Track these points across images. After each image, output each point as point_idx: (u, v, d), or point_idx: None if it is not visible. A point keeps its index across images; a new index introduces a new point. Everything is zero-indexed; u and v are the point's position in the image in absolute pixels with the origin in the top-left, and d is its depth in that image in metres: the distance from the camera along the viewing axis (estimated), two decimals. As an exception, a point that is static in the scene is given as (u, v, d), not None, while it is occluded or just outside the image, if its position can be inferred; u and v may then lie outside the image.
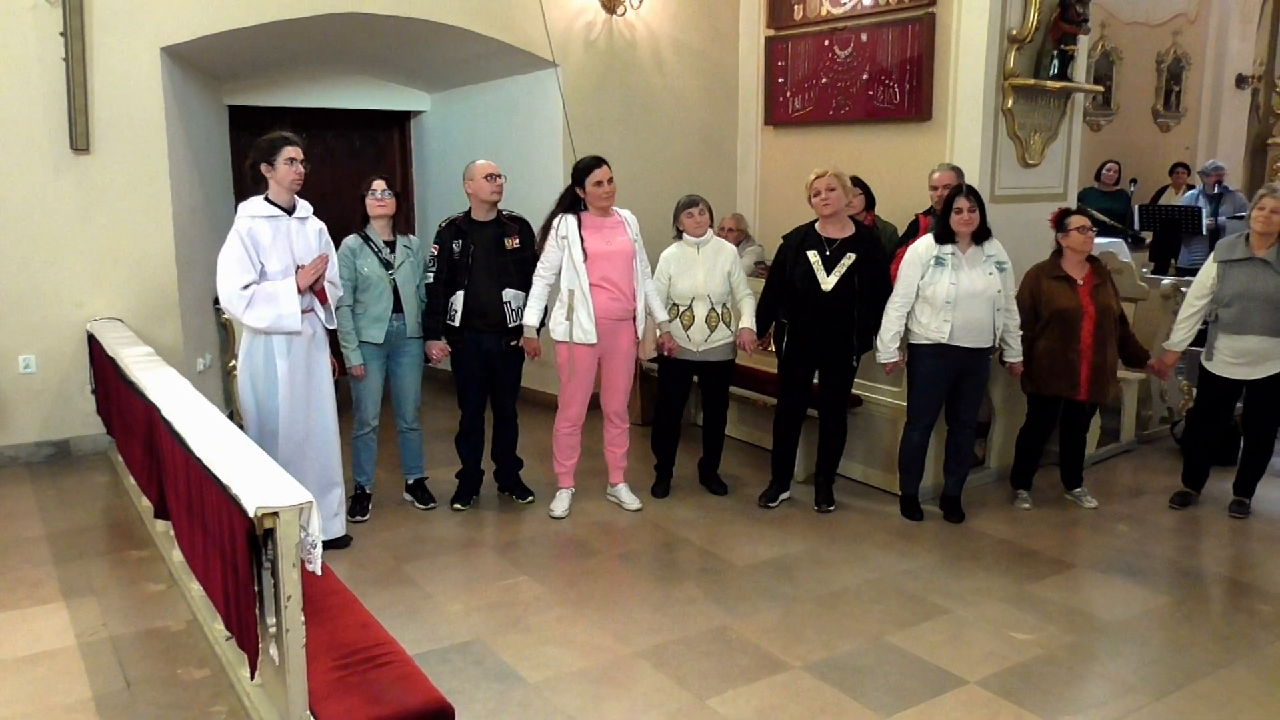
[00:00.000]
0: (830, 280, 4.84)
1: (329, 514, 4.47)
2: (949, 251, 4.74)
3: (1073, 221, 4.94)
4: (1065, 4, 5.83)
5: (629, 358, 5.03)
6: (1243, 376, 4.90)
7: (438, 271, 4.90)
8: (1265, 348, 4.80)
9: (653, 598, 4.12)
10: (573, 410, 5.02)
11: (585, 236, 4.82)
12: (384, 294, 4.77)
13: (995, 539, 4.79)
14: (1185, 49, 11.39)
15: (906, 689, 3.38)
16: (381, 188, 4.79)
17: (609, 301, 4.86)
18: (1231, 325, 4.84)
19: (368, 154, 8.24)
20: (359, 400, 4.90)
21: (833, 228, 4.91)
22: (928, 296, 4.75)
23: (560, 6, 6.78)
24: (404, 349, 4.92)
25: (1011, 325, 4.88)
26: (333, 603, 3.18)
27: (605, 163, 4.87)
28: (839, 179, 4.84)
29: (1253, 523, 4.97)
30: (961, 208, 4.69)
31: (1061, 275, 4.96)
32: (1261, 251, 4.79)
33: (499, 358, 5.00)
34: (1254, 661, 3.59)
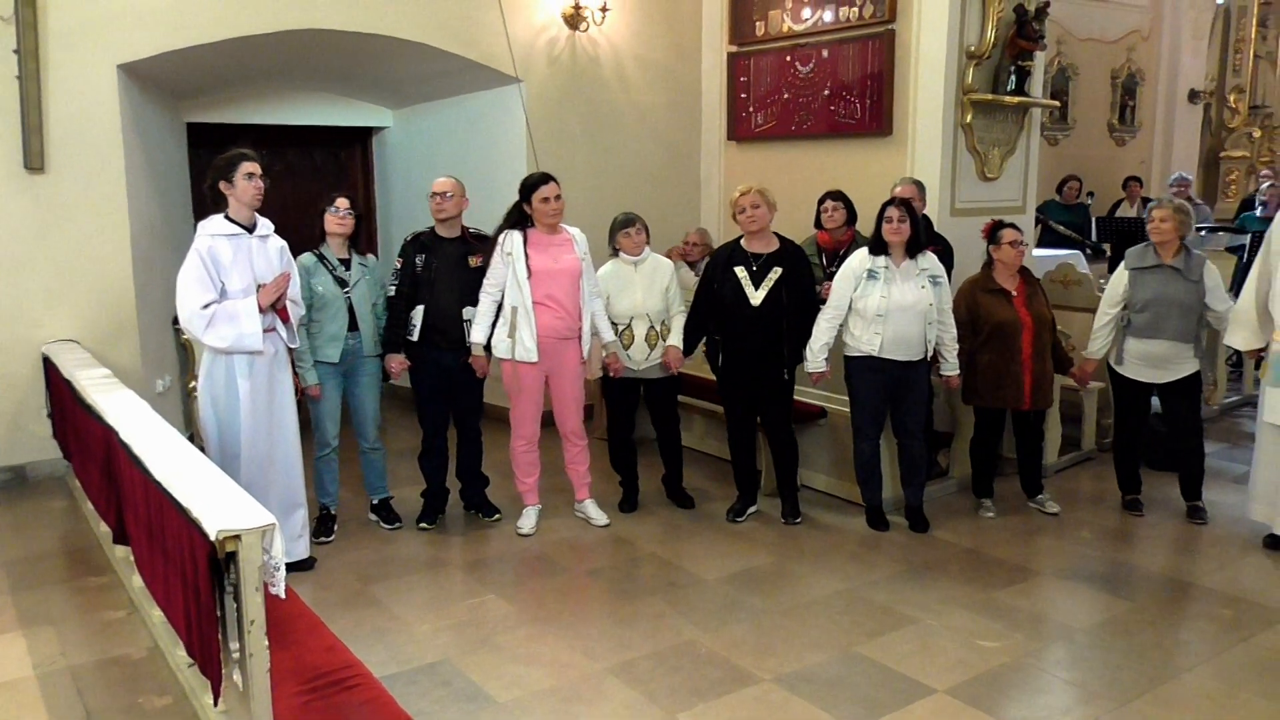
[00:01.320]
0: (758, 295, 4.87)
1: (292, 536, 4.41)
2: (882, 265, 4.79)
3: (1005, 235, 5.01)
4: (1022, 21, 5.94)
5: (577, 375, 4.99)
6: (1151, 380, 5.03)
7: (399, 285, 4.87)
8: (1174, 352, 4.93)
9: (621, 613, 4.11)
10: (526, 429, 5.00)
11: (531, 254, 4.78)
12: (339, 313, 4.72)
13: (960, 548, 4.83)
14: (1139, 65, 11.62)
15: (876, 699, 3.39)
16: (345, 205, 4.76)
17: (553, 320, 4.82)
18: (1144, 330, 4.96)
19: (329, 171, 8.19)
20: (317, 421, 4.85)
21: (758, 243, 4.95)
22: (859, 309, 4.80)
23: (523, 22, 6.79)
24: (361, 368, 4.87)
25: (946, 338, 4.92)
26: (298, 626, 3.14)
27: (553, 179, 4.84)
28: (762, 195, 4.89)
29: (1212, 528, 5.05)
30: (891, 217, 4.74)
31: (995, 288, 5.02)
32: (1169, 259, 4.92)
33: (458, 375, 4.96)
34: (1216, 665, 3.64)
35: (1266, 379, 4.67)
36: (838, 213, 5.66)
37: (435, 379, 4.98)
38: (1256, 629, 3.91)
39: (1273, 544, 4.72)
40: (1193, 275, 4.91)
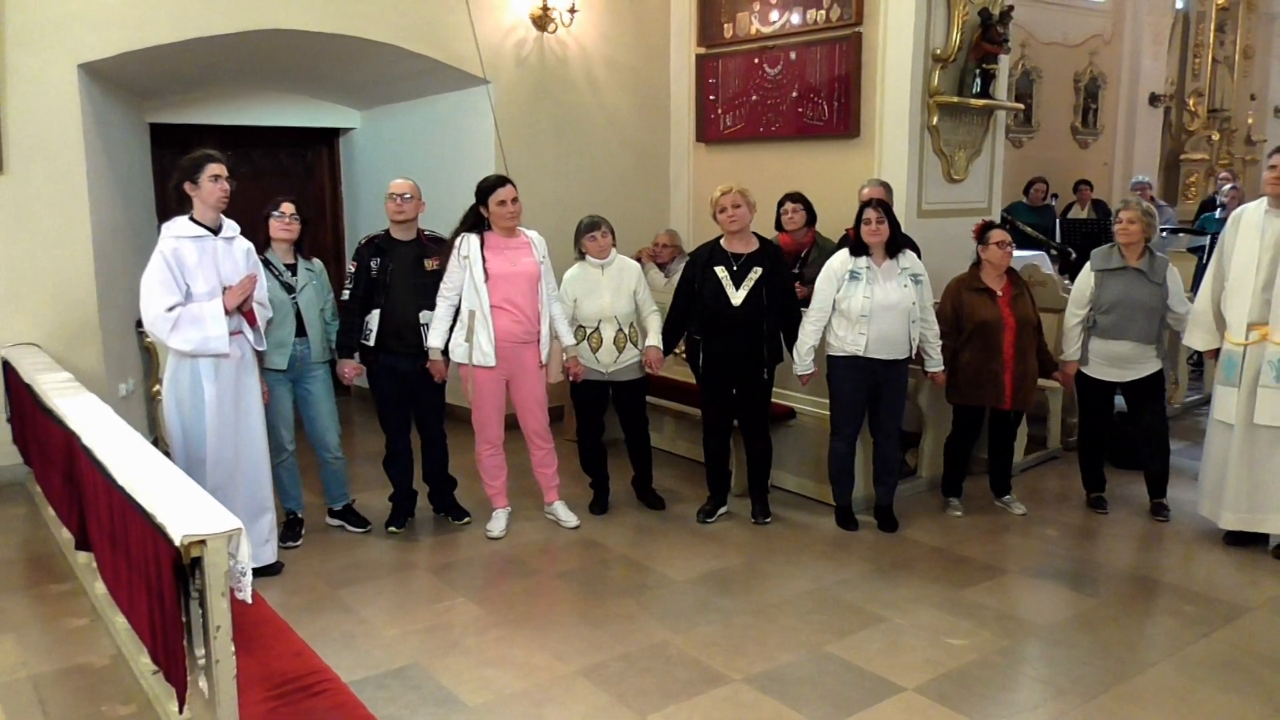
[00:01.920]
0: (739, 295, 4.89)
1: (259, 540, 4.36)
2: (864, 265, 4.82)
3: (993, 235, 5.07)
4: (986, 24, 6.00)
5: (537, 379, 4.95)
6: (1114, 379, 5.11)
7: (354, 289, 4.83)
8: (1137, 353, 5.02)
9: (592, 615, 4.10)
10: (489, 432, 4.97)
11: (488, 257, 4.75)
12: (287, 318, 4.65)
13: (928, 547, 4.86)
14: (1101, 69, 11.78)
15: (845, 698, 3.41)
16: (290, 211, 4.68)
17: (511, 324, 4.79)
18: (1108, 331, 5.04)
19: (295, 172, 8.12)
20: (270, 427, 4.77)
21: (738, 243, 4.97)
22: (843, 310, 4.82)
23: (491, 24, 6.77)
24: (310, 375, 4.79)
25: (930, 336, 4.97)
26: (265, 632, 3.11)
27: (510, 181, 4.82)
28: (743, 195, 4.91)
29: (1174, 525, 5.12)
30: (870, 219, 4.78)
31: (981, 287, 5.08)
32: (1134, 261, 4.99)
33: (417, 380, 4.92)
34: (1179, 660, 3.69)
35: (1217, 378, 4.77)
36: (797, 214, 5.71)
37: (393, 384, 4.94)
38: (1217, 624, 3.98)
39: (1233, 540, 4.80)
40: (1156, 277, 5.00)
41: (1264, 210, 4.55)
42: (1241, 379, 4.58)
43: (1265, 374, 4.50)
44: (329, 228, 8.25)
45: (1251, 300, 4.53)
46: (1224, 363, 4.69)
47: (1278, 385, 4.47)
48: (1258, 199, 4.68)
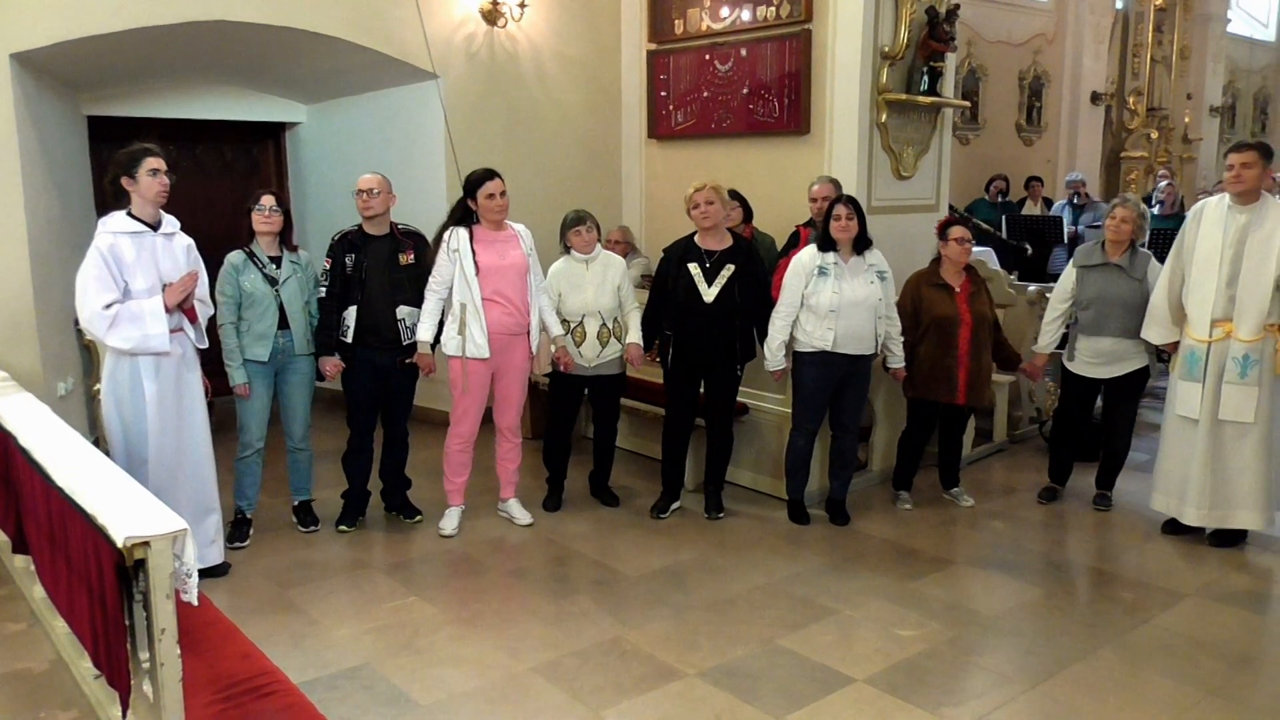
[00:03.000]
0: (711, 291, 4.91)
1: (205, 541, 4.28)
2: (832, 261, 4.87)
3: (953, 232, 5.13)
4: (933, 23, 6.07)
5: (523, 373, 4.99)
6: (1100, 375, 5.18)
7: (330, 286, 4.79)
8: (1120, 348, 5.07)
9: (545, 612, 4.09)
10: (465, 427, 4.95)
11: (477, 250, 4.76)
12: (269, 311, 4.64)
13: (879, 539, 4.92)
14: (1045, 67, 11.98)
15: (798, 690, 3.44)
16: (270, 204, 4.67)
17: (502, 316, 4.81)
18: (1089, 327, 5.11)
19: (241, 167, 7.97)
20: (243, 421, 4.74)
21: (711, 240, 4.99)
22: (812, 305, 4.86)
23: (440, 18, 6.70)
24: (292, 367, 4.78)
25: (893, 332, 5.03)
26: (211, 634, 3.05)
27: (498, 175, 4.83)
28: (717, 192, 4.92)
29: (1115, 514, 5.24)
30: (840, 215, 4.83)
31: (940, 283, 5.14)
32: (1116, 257, 5.07)
33: (393, 376, 4.90)
34: (1119, 646, 3.78)
35: (1176, 372, 4.82)
36: (734, 212, 5.76)
37: (369, 380, 4.91)
38: (1157, 611, 4.08)
39: (1171, 528, 4.92)
40: (1136, 273, 5.04)
41: (1226, 206, 4.59)
42: (1206, 375, 4.62)
43: (1230, 370, 4.54)
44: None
45: (1215, 297, 4.57)
46: (1186, 358, 4.72)
47: (1242, 381, 4.52)
48: (1217, 195, 4.75)
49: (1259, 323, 4.49)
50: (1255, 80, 16.65)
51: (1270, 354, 4.49)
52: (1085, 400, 5.34)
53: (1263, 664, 3.66)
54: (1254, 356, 4.50)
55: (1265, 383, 4.51)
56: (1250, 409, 4.52)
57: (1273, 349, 4.48)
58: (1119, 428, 5.29)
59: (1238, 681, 3.52)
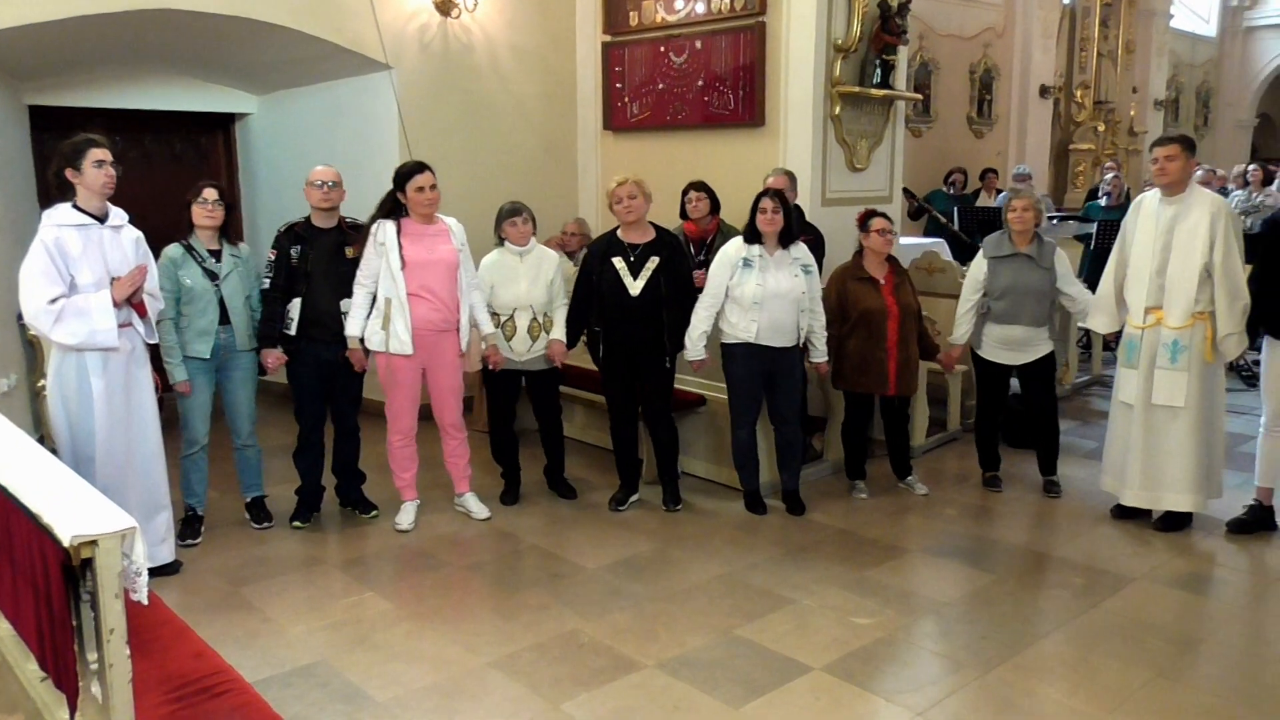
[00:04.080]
0: (637, 285, 4.91)
1: (156, 539, 4.21)
2: (756, 253, 4.90)
3: (874, 224, 5.18)
4: (885, 16, 6.13)
5: (455, 368, 4.92)
6: (1009, 361, 5.31)
7: (274, 278, 4.72)
8: (1029, 336, 5.22)
9: (503, 607, 4.08)
10: (402, 423, 4.91)
11: (405, 244, 4.69)
12: (209, 306, 4.55)
13: (835, 529, 4.97)
14: (995, 61, 12.14)
15: (756, 680, 3.47)
16: (214, 197, 4.57)
17: (429, 312, 4.74)
18: (1002, 316, 5.23)
19: (190, 158, 7.83)
20: (186, 418, 4.66)
21: (634, 233, 4.99)
22: (736, 297, 4.89)
23: (392, 8, 6.63)
24: (234, 363, 4.71)
25: (816, 326, 5.06)
26: (163, 633, 3.00)
27: (428, 168, 4.76)
28: (639, 185, 4.93)
29: (1065, 501, 5.34)
30: (765, 208, 4.85)
31: (865, 276, 5.19)
32: (1024, 247, 5.19)
33: (337, 369, 4.84)
34: (1069, 630, 3.85)
35: (1119, 360, 4.94)
36: (701, 203, 5.79)
37: (314, 373, 4.85)
38: (1105, 595, 4.17)
39: (1120, 514, 5.02)
40: (1045, 262, 5.19)
41: (1158, 198, 4.72)
42: (1141, 361, 4.75)
43: (1161, 356, 4.67)
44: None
45: (1148, 284, 4.70)
46: (1125, 345, 4.86)
47: (1172, 367, 4.65)
48: (1155, 188, 4.86)
49: (1187, 310, 4.61)
50: (1197, 74, 17.02)
51: (1199, 341, 4.62)
52: (999, 385, 5.45)
53: (1206, 645, 3.76)
54: (1183, 343, 4.62)
55: (1195, 368, 4.64)
56: (1181, 393, 4.65)
57: (1202, 336, 4.61)
58: (1044, 413, 5.41)
59: (1183, 662, 3.60)
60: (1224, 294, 4.55)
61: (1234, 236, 4.57)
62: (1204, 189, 4.83)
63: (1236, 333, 4.59)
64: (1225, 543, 4.75)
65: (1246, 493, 4.96)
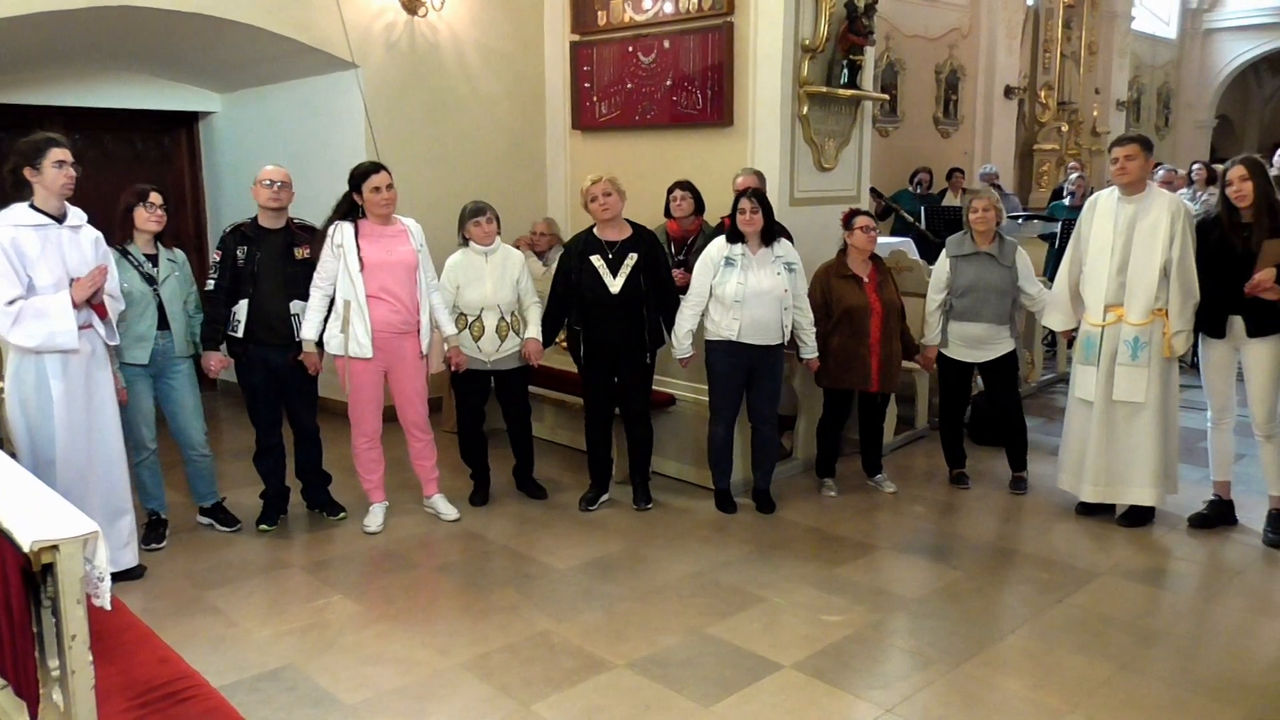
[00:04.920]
0: (617, 282, 4.92)
1: (118, 544, 4.15)
2: (739, 252, 4.92)
3: (858, 221, 5.22)
4: (852, 17, 6.16)
5: (417, 370, 4.88)
6: (971, 359, 5.37)
7: (219, 279, 4.65)
8: (991, 333, 5.28)
9: (474, 608, 4.06)
10: (366, 426, 4.87)
11: (363, 245, 4.65)
12: (147, 311, 4.47)
13: (805, 527, 4.99)
14: (960, 61, 12.25)
15: (726, 678, 3.48)
16: (159, 201, 4.50)
17: (388, 314, 4.70)
18: (964, 313, 5.29)
19: (151, 157, 7.73)
20: (130, 425, 4.56)
21: (611, 231, 5.00)
22: (718, 295, 4.91)
23: (358, 6, 6.58)
24: (173, 370, 4.60)
25: (803, 323, 5.09)
26: (126, 639, 2.96)
27: (384, 168, 4.72)
28: (613, 184, 4.94)
29: (1032, 497, 5.40)
30: (745, 209, 4.88)
31: (849, 274, 5.23)
32: (986, 246, 5.26)
33: (288, 373, 4.78)
34: (1036, 625, 3.90)
35: (1076, 357, 5.02)
36: (685, 202, 5.79)
37: (263, 377, 4.79)
38: (1070, 590, 4.22)
39: (1084, 510, 5.09)
40: (1006, 261, 5.25)
41: (1116, 198, 4.79)
42: (1100, 358, 4.81)
43: (1122, 353, 4.74)
44: (190, 216, 7.88)
45: (1107, 283, 4.76)
46: (1083, 343, 4.93)
47: (1133, 363, 4.72)
48: (1109, 187, 4.93)
49: (1147, 307, 4.68)
50: (1159, 75, 17.28)
51: (1159, 338, 4.69)
52: (962, 382, 5.51)
53: (1167, 638, 3.81)
54: (1144, 340, 4.69)
55: (1155, 364, 4.71)
56: (1141, 389, 4.72)
57: (1161, 332, 4.68)
58: (1008, 410, 5.48)
59: (1145, 655, 3.65)
60: (1178, 292, 4.63)
61: (1190, 236, 4.65)
62: (1162, 189, 4.90)
63: (1185, 330, 4.67)
64: (1186, 537, 4.82)
65: (1205, 488, 5.04)
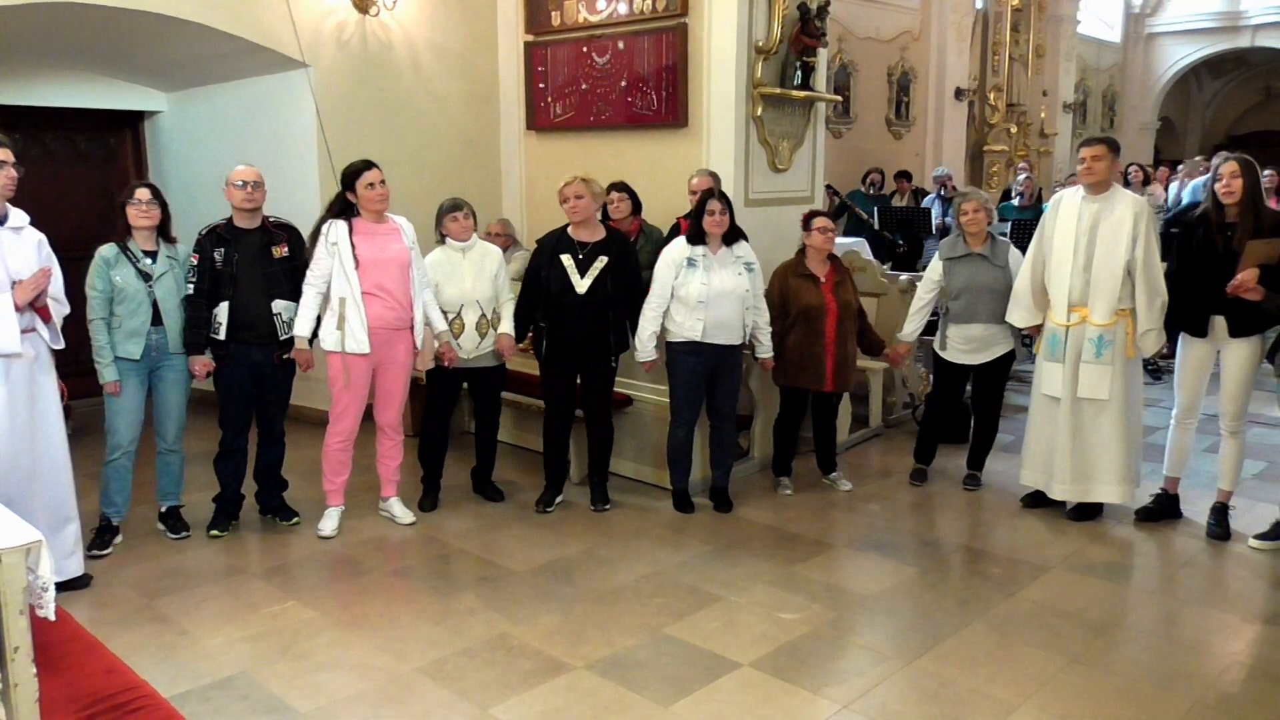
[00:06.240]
0: (584, 283, 4.92)
1: (63, 553, 4.05)
2: (700, 253, 4.93)
3: (816, 222, 5.26)
4: (805, 18, 6.20)
5: (405, 368, 4.89)
6: (970, 361, 5.39)
7: (198, 282, 4.61)
8: (989, 334, 5.30)
9: (430, 612, 4.03)
10: (346, 424, 4.82)
11: (357, 243, 4.65)
12: (141, 306, 4.45)
13: (762, 526, 5.02)
14: (911, 63, 12.40)
15: (685, 678, 3.48)
16: (146, 197, 4.48)
17: (384, 310, 4.70)
18: (960, 315, 5.31)
19: (96, 157, 7.57)
20: (112, 422, 4.52)
21: (584, 232, 4.99)
22: (681, 296, 4.92)
23: (308, 5, 6.49)
24: (167, 364, 4.60)
25: (761, 322, 5.12)
26: (72, 650, 2.89)
27: (376, 165, 4.73)
28: (587, 185, 4.93)
29: (983, 494, 5.47)
30: (714, 209, 4.90)
31: (806, 273, 5.26)
32: (978, 247, 5.30)
33: (268, 372, 4.75)
34: (989, 619, 3.95)
35: (1040, 354, 5.05)
36: (623, 204, 5.81)
37: (243, 377, 4.74)
38: (1024, 584, 4.28)
39: (1030, 503, 5.17)
40: (999, 261, 5.27)
41: (1081, 197, 4.85)
42: (1066, 355, 4.86)
43: (1087, 351, 4.81)
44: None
45: (1072, 281, 4.81)
46: (1049, 340, 4.97)
47: (1097, 361, 4.78)
48: (1074, 186, 4.99)
49: (1111, 306, 4.75)
50: (1104, 78, 17.63)
51: (1123, 337, 4.77)
52: (957, 385, 5.56)
53: (1119, 630, 3.89)
54: (1108, 338, 4.77)
55: (1118, 363, 4.78)
56: (1105, 387, 4.79)
57: (1124, 332, 4.76)
58: (988, 410, 5.53)
59: (1097, 647, 3.72)
60: (1144, 291, 4.71)
61: (1154, 236, 4.74)
62: (1125, 190, 4.99)
63: (1155, 329, 4.75)
64: (1135, 531, 4.92)
65: (1155, 482, 5.13)
